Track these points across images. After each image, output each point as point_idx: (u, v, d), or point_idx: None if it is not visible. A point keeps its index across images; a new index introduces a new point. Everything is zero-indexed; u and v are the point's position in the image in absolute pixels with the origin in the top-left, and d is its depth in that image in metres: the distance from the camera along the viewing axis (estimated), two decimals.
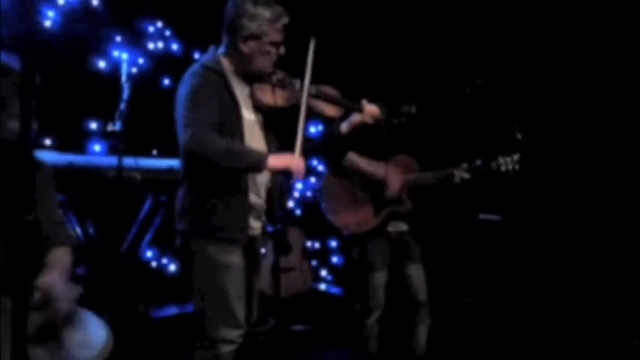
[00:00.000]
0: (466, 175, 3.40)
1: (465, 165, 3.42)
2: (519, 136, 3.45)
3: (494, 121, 4.04)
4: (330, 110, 2.73)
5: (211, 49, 2.64)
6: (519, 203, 4.46)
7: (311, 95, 2.64)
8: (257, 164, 2.45)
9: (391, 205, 3.46)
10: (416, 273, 3.51)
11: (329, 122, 2.76)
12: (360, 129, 2.89)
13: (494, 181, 3.48)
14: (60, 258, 2.13)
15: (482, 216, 4.41)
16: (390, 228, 3.51)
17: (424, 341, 3.48)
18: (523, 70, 4.61)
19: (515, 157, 3.41)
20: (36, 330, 1.94)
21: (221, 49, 2.61)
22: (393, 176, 3.43)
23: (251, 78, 2.62)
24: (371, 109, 2.82)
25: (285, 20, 2.57)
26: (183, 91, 2.50)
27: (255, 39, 2.53)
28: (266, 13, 2.53)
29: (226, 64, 2.58)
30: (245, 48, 2.54)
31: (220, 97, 2.49)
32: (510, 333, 4.10)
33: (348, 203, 3.49)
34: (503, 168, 3.41)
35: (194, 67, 2.56)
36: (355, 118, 2.83)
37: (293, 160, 2.49)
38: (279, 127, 2.66)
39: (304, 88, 2.60)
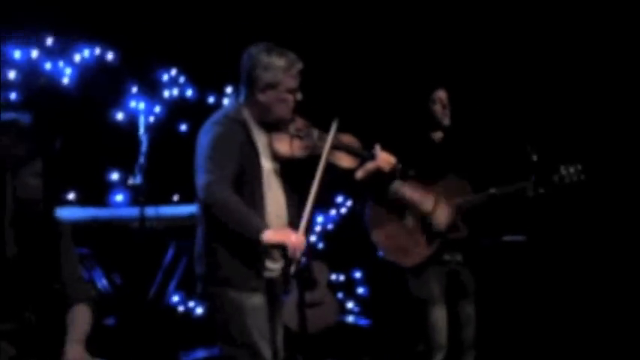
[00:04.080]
0: (540, 189, 3.26)
1: (533, 178, 3.28)
2: (534, 157, 3.39)
3: (508, 143, 4.03)
4: (347, 162, 2.72)
5: (232, 98, 2.70)
6: (543, 223, 4.43)
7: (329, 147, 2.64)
8: (253, 235, 2.43)
9: (444, 232, 3.31)
10: (470, 313, 3.36)
11: (343, 173, 2.72)
12: (377, 174, 2.79)
13: (554, 201, 3.36)
14: (81, 319, 2.18)
15: (506, 237, 4.37)
16: (447, 257, 3.35)
17: None
18: (536, 91, 4.62)
19: (579, 167, 3.28)
20: None
21: (240, 99, 2.67)
22: (441, 209, 3.28)
23: (270, 126, 2.66)
24: (385, 157, 2.76)
25: (300, 66, 2.62)
26: (204, 139, 2.55)
27: (271, 88, 2.58)
28: (280, 61, 2.58)
29: (247, 113, 2.64)
30: (262, 98, 2.60)
31: (241, 147, 2.55)
32: (537, 354, 4.06)
33: (398, 234, 3.34)
34: (567, 180, 3.28)
35: (216, 117, 2.63)
36: (370, 165, 2.74)
37: (291, 237, 2.44)
38: (297, 176, 2.67)
39: (323, 155, 2.60)
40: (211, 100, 5.05)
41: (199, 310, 4.70)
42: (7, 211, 2.03)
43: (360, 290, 5.49)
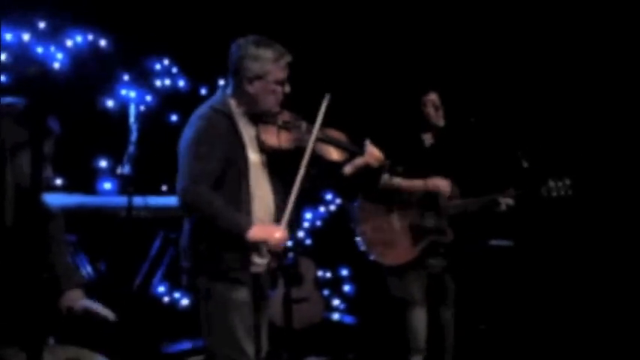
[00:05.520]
0: (511, 202, 3.28)
1: (511, 191, 3.30)
2: (525, 164, 3.39)
3: (499, 150, 4.03)
4: (335, 155, 2.73)
5: (219, 90, 2.70)
6: (530, 228, 4.44)
7: (317, 139, 2.64)
8: (238, 232, 2.49)
9: (431, 235, 3.31)
10: (450, 319, 3.38)
11: (332, 166, 2.73)
12: (365, 170, 2.82)
13: (541, 206, 3.39)
14: (74, 296, 2.18)
15: (493, 242, 4.38)
16: (431, 261, 3.36)
17: None
18: (530, 97, 4.63)
19: (567, 181, 3.30)
20: None
21: (228, 91, 2.66)
22: (435, 180, 3.29)
23: (258, 118, 2.66)
24: (374, 153, 2.79)
25: (288, 59, 2.63)
26: (187, 134, 2.56)
27: (259, 79, 2.59)
28: (268, 53, 2.59)
29: (234, 105, 2.64)
30: (250, 89, 2.60)
31: (227, 140, 2.55)
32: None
33: (385, 230, 3.34)
34: (554, 194, 3.30)
35: (202, 109, 2.62)
36: (358, 160, 2.77)
37: (274, 234, 2.50)
38: (284, 168, 2.67)
39: (310, 143, 2.60)
40: (203, 91, 5.03)
41: (184, 302, 4.67)
42: (7, 197, 2.02)
43: (347, 288, 5.48)
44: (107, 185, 4.40)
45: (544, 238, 4.51)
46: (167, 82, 4.90)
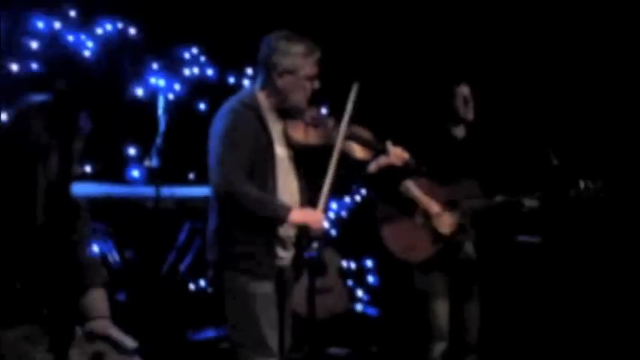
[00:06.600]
0: (535, 205, 3.26)
1: (538, 193, 3.28)
2: (555, 161, 3.36)
3: (528, 146, 3.96)
4: (361, 153, 2.74)
5: (248, 84, 2.73)
6: (559, 224, 4.37)
7: (345, 137, 2.66)
8: (280, 218, 2.53)
9: (449, 237, 3.33)
10: (474, 312, 3.39)
11: (356, 164, 2.75)
12: (390, 169, 2.84)
13: (571, 204, 3.35)
14: (101, 298, 2.21)
15: (521, 237, 4.32)
16: (462, 255, 3.39)
17: None
18: (558, 93, 4.54)
19: (599, 183, 3.24)
20: None
21: (257, 85, 2.68)
22: (446, 216, 3.31)
23: (286, 114, 2.68)
24: (397, 152, 2.79)
25: (318, 55, 2.65)
26: (218, 126, 2.59)
27: (289, 74, 2.60)
28: (299, 48, 2.61)
29: (262, 99, 2.66)
30: (280, 83, 2.62)
31: (255, 135, 2.58)
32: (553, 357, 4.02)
33: (407, 231, 3.37)
34: (584, 196, 3.25)
35: (231, 103, 2.65)
36: (382, 160, 2.79)
37: (312, 216, 2.55)
38: (311, 164, 2.69)
39: (339, 138, 2.61)
40: (231, 80, 5.02)
41: (209, 291, 4.70)
42: (38, 198, 2.05)
43: (371, 279, 5.47)
44: (135, 173, 4.43)
45: (574, 234, 4.44)
46: (195, 70, 4.91)
